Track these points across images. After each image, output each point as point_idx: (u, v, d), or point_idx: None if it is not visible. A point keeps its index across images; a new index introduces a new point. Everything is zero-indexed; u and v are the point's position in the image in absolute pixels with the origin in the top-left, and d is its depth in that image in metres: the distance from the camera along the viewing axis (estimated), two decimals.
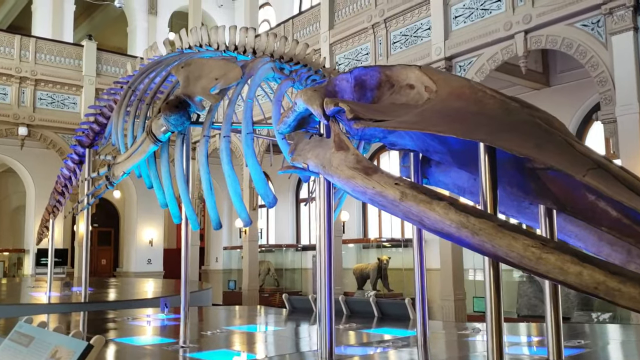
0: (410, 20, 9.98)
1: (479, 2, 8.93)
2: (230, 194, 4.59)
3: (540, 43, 8.10)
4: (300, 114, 3.79)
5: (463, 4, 9.16)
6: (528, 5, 8.24)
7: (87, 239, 9.12)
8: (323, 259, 3.99)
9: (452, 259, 8.94)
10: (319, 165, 3.49)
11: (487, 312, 2.67)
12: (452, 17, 9.29)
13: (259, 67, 5.04)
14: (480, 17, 8.91)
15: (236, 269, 18.70)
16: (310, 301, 7.75)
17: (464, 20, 9.14)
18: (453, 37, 9.19)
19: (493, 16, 8.72)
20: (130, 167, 5.28)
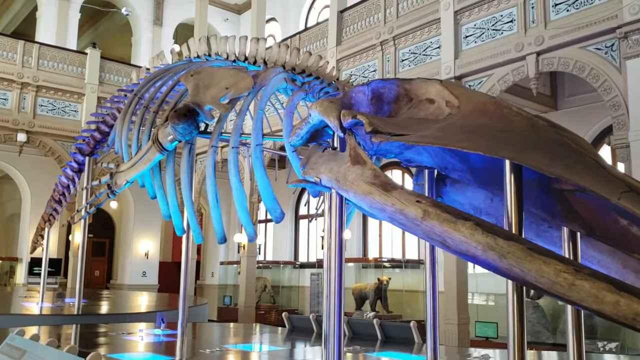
0: (420, 38, 9.88)
1: (491, 22, 8.84)
2: (237, 207, 4.41)
3: (552, 65, 7.99)
4: (314, 125, 3.66)
5: (474, 24, 9.07)
6: (540, 27, 8.14)
7: (82, 249, 8.92)
8: (333, 278, 3.78)
9: (457, 282, 8.74)
10: (333, 179, 3.34)
11: (510, 341, 2.50)
12: (462, 36, 9.19)
13: (271, 77, 4.90)
14: (492, 37, 8.81)
15: (232, 284, 18.43)
16: (311, 321, 7.54)
17: (474, 40, 9.04)
18: (463, 56, 9.09)
19: (504, 37, 8.62)
20: (134, 176, 5.11)
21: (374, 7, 10.90)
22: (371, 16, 10.93)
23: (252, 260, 13.48)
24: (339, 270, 3.70)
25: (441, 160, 3.38)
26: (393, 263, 13.28)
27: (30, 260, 15.60)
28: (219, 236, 4.70)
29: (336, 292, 3.65)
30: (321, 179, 3.50)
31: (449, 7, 9.32)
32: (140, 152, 5.14)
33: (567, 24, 7.85)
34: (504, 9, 8.68)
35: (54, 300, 9.43)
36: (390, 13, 10.51)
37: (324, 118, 3.49)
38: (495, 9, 8.81)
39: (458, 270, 8.70)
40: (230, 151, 4.55)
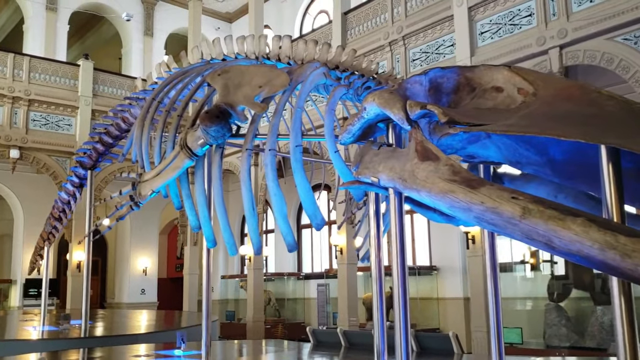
0: (432, 36, 9.58)
1: (508, 17, 8.55)
2: (275, 214, 4.02)
3: (577, 58, 7.71)
4: (369, 121, 3.29)
5: (490, 20, 8.78)
6: (562, 19, 7.86)
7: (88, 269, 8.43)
8: (398, 287, 3.38)
9: (484, 288, 8.37)
10: (396, 178, 2.97)
11: (620, 349, 2.14)
12: (477, 32, 8.90)
13: (309, 73, 4.51)
14: (509, 32, 8.52)
15: (233, 299, 17.94)
16: (338, 334, 7.13)
17: (490, 36, 8.75)
18: (479, 53, 8.79)
19: (523, 31, 8.33)
20: (160, 185, 4.69)
21: (380, 8, 10.59)
22: (377, 17, 10.62)
23: (258, 272, 13.04)
24: (402, 278, 3.32)
25: (512, 154, 3.07)
26: None
27: (25, 281, 15.00)
28: (256, 247, 4.29)
29: (401, 302, 3.28)
30: (379, 179, 3.15)
31: (462, 4, 9.03)
32: (167, 159, 4.71)
33: (592, 15, 7.58)
34: (521, 3, 8.41)
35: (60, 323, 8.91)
36: (398, 12, 10.20)
37: (386, 110, 3.13)
38: (512, 4, 8.53)
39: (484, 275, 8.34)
40: (268, 154, 4.15)
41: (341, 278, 10.64)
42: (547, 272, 9.86)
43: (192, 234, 15.15)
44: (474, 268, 8.51)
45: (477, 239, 8.52)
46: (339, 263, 10.78)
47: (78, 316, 9.56)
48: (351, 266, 10.64)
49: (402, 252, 3.25)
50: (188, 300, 14.80)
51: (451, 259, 11.76)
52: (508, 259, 10.23)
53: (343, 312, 10.49)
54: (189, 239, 15.15)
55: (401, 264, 3.25)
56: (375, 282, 4.20)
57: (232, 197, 16.45)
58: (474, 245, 8.56)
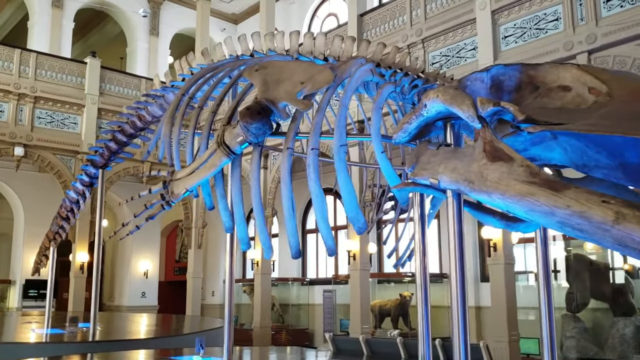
0: (452, 40, 9.41)
1: (533, 21, 8.40)
2: (317, 216, 3.81)
3: (607, 64, 7.55)
4: (428, 119, 3.11)
5: (514, 24, 8.63)
6: (591, 24, 7.72)
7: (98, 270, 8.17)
8: (457, 297, 3.17)
9: (506, 297, 8.19)
10: (460, 180, 2.80)
11: None
12: (501, 36, 8.74)
13: (355, 69, 4.30)
14: (535, 37, 8.36)
15: (235, 303, 17.64)
16: (360, 342, 6.92)
17: (515, 40, 8.59)
18: (503, 57, 8.63)
19: (549, 36, 8.18)
20: (195, 184, 4.46)
21: (398, 10, 10.42)
22: (395, 19, 10.45)
23: (266, 277, 12.80)
24: (461, 284, 3.12)
25: (580, 157, 2.89)
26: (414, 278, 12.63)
27: (25, 282, 14.70)
28: (294, 250, 4.07)
29: (460, 311, 3.07)
30: (440, 181, 2.96)
31: (485, 7, 8.87)
32: (202, 156, 4.48)
33: (622, 20, 7.43)
34: (548, 7, 8.25)
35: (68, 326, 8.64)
36: (417, 15, 10.04)
37: (453, 107, 2.94)
38: (537, 7, 8.38)
39: (507, 284, 8.16)
40: (310, 153, 3.93)
41: (354, 284, 10.42)
42: (564, 282, 9.69)
43: (196, 236, 14.90)
44: (496, 277, 8.31)
45: (499, 246, 8.33)
46: (351, 269, 10.56)
47: (81, 319, 9.30)
48: (364, 272, 10.43)
49: (460, 258, 3.05)
50: (192, 304, 14.52)
51: (475, 266, 11.53)
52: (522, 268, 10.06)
53: (355, 319, 10.27)
54: (193, 241, 14.89)
55: (460, 271, 3.04)
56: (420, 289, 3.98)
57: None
58: (495, 253, 8.37)
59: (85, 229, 13.29)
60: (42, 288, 14.84)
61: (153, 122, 7.02)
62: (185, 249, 20.36)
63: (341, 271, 14.93)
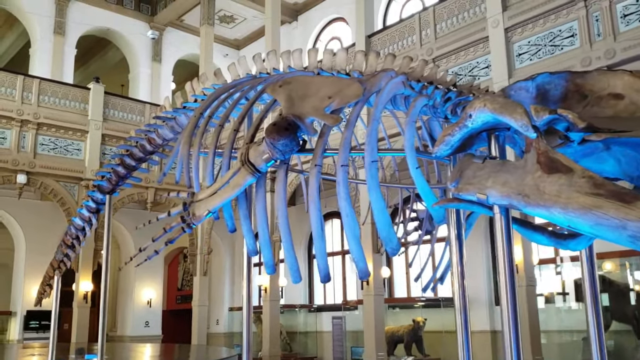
0: (464, 58, 9.29)
1: (548, 38, 8.28)
2: (348, 237, 3.57)
3: None
4: (473, 130, 2.91)
5: (528, 41, 8.50)
6: (609, 40, 7.59)
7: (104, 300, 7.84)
8: (509, 321, 2.92)
9: (529, 320, 7.91)
10: (513, 195, 2.61)
11: None
12: (515, 54, 8.61)
13: (386, 82, 4.12)
14: (550, 53, 8.23)
15: (239, 332, 17.26)
16: None
17: (529, 57, 8.46)
18: (518, 75, 8.48)
19: (565, 52, 8.06)
20: (218, 205, 4.23)
21: (407, 30, 10.32)
22: (404, 39, 10.34)
23: (275, 304, 12.48)
24: (512, 309, 2.88)
25: (635, 168, 2.68)
26: (426, 303, 12.36)
27: (26, 313, 14.33)
28: (323, 273, 3.82)
29: (512, 336, 2.83)
30: (489, 196, 2.73)
31: (497, 25, 8.76)
32: (225, 176, 4.26)
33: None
34: (563, 24, 8.14)
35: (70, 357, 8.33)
36: (427, 34, 9.93)
37: (503, 116, 2.74)
38: (552, 24, 8.26)
39: (529, 307, 7.89)
40: (340, 170, 3.70)
41: (367, 310, 10.12)
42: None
43: (201, 263, 14.60)
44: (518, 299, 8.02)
45: (520, 267, 8.09)
46: (364, 294, 10.27)
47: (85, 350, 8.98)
48: (378, 297, 10.14)
49: (511, 279, 2.82)
50: (197, 333, 14.15)
51: (476, 291, 11.26)
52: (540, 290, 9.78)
53: (370, 346, 9.95)
54: (199, 268, 14.58)
55: (511, 293, 2.81)
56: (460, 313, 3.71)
57: None
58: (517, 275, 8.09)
59: (89, 258, 13.00)
60: (44, 319, 14.48)
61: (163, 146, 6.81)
62: (187, 277, 20.00)
63: (349, 297, 14.62)
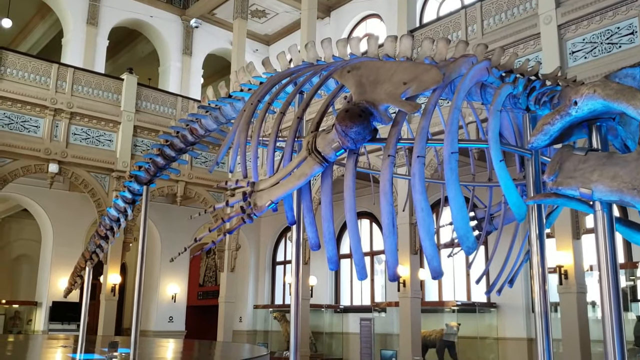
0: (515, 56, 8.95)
1: (604, 35, 7.95)
2: (421, 233, 3.29)
3: None
4: (576, 119, 2.67)
5: (582, 39, 8.18)
6: None
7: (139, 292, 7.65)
8: (612, 326, 2.68)
9: (579, 329, 7.58)
10: (626, 189, 2.37)
11: None
12: (568, 52, 8.28)
13: (467, 67, 3.86)
14: (607, 51, 7.91)
15: (262, 330, 17.08)
16: None
17: (584, 55, 8.14)
18: (572, 73, 8.15)
19: (623, 50, 7.72)
20: (281, 195, 3.98)
21: (452, 25, 10.03)
22: (448, 34, 10.05)
23: (305, 303, 12.25)
24: (617, 313, 2.63)
25: None
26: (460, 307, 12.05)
27: (52, 304, 14.24)
28: (392, 271, 3.56)
29: (617, 344, 2.58)
30: (594, 190, 2.45)
31: (550, 21, 8.44)
32: (288, 165, 4.01)
33: None
34: (622, 20, 7.81)
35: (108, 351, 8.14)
36: (474, 30, 9.63)
37: (619, 103, 2.50)
38: (609, 21, 7.93)
39: (579, 315, 7.56)
40: (416, 161, 3.43)
41: (404, 312, 9.85)
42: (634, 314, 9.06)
43: (229, 259, 14.42)
44: (567, 306, 7.72)
45: (570, 273, 7.76)
46: (400, 296, 9.99)
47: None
48: (415, 300, 9.86)
49: (615, 282, 2.57)
50: (223, 330, 13.96)
51: (512, 296, 10.94)
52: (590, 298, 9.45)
53: (405, 350, 9.67)
54: (226, 264, 14.40)
55: (615, 295, 2.57)
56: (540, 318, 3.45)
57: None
58: (567, 281, 7.79)
59: (118, 251, 12.87)
60: (69, 311, 14.39)
61: (205, 137, 6.60)
62: (210, 273, 19.84)
63: (377, 299, 14.35)
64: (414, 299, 9.80)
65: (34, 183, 13.73)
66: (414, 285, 9.88)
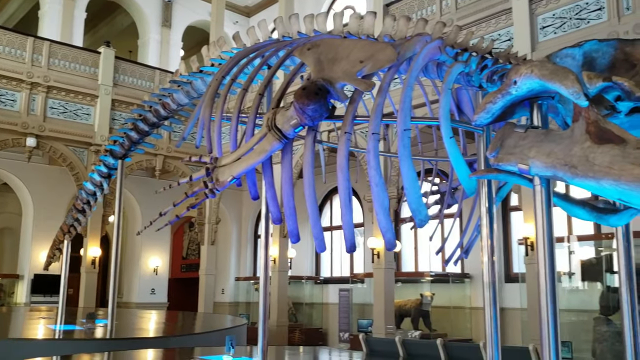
0: (486, 30, 9.07)
1: (574, 11, 8.06)
2: (376, 207, 3.45)
3: None
4: (517, 98, 2.82)
5: (553, 14, 8.29)
6: (638, 13, 7.38)
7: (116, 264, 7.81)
8: (547, 297, 2.85)
9: None
10: (559, 165, 2.51)
11: None
12: (538, 27, 8.40)
13: (421, 46, 3.96)
14: (576, 27, 8.03)
15: (244, 301, 17.35)
16: (396, 343, 6.57)
17: (554, 30, 8.25)
18: (541, 48, 8.29)
19: (591, 26, 7.85)
20: (243, 171, 4.10)
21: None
22: (423, 8, 10.12)
23: (283, 275, 12.47)
24: (551, 284, 2.80)
25: None
26: (434, 278, 12.31)
27: (33, 277, 14.35)
28: (349, 243, 3.72)
29: (550, 313, 2.76)
30: (532, 166, 2.63)
31: None
32: (250, 141, 4.12)
33: None
34: None
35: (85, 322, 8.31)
36: (448, 5, 9.70)
37: (553, 83, 2.63)
38: None
39: None
40: (371, 138, 3.58)
41: (378, 283, 10.09)
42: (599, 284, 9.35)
43: (209, 232, 14.58)
44: (534, 277, 7.95)
45: None
46: (375, 267, 10.22)
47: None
48: (389, 271, 10.09)
49: (551, 254, 2.74)
50: (204, 301, 14.19)
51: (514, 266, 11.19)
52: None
53: (379, 320, 9.93)
54: (206, 237, 14.56)
55: (550, 267, 2.73)
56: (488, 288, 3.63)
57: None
58: (532, 252, 8.02)
59: (98, 223, 12.98)
60: (51, 283, 14.50)
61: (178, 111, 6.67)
62: (192, 246, 20.01)
63: (356, 270, 14.61)
64: (387, 269, 10.03)
65: (14, 157, 13.70)
66: (388, 256, 10.10)
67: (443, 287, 12.00)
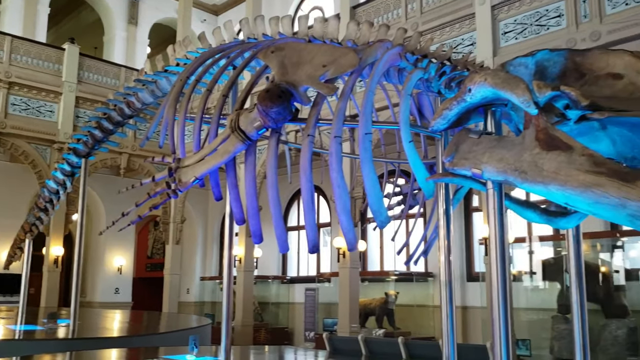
0: (449, 34, 9.24)
1: (534, 17, 8.28)
2: (338, 209, 3.54)
3: None
4: (471, 105, 2.91)
5: (514, 20, 8.49)
6: (595, 21, 7.62)
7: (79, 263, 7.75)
8: (498, 297, 2.97)
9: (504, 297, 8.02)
10: (509, 170, 2.63)
11: None
12: (500, 32, 8.60)
13: (382, 52, 4.06)
14: (536, 33, 8.25)
15: (209, 301, 17.28)
16: (359, 342, 6.67)
17: (515, 36, 8.46)
18: (503, 53, 8.49)
19: (551, 32, 8.07)
20: (205, 172, 4.13)
21: (392, 3, 10.22)
22: (390, 12, 10.24)
23: (249, 275, 12.48)
24: (502, 285, 2.93)
25: (630, 149, 2.74)
26: (398, 277, 12.49)
27: None
28: (312, 244, 3.80)
29: (501, 312, 2.88)
30: (483, 171, 2.75)
31: (484, 2, 8.73)
32: (213, 142, 4.16)
33: (627, 18, 7.36)
34: (550, 3, 8.14)
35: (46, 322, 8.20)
36: (413, 8, 9.85)
37: (504, 91, 2.75)
38: (539, 4, 8.26)
39: None
40: (333, 141, 3.66)
41: (343, 282, 10.19)
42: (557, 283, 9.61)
43: (174, 231, 14.49)
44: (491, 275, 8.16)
45: None
46: (340, 267, 10.32)
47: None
48: (353, 270, 10.20)
49: (502, 255, 2.86)
50: (168, 301, 14.10)
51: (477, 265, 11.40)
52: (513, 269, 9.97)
53: (344, 319, 10.04)
54: (171, 237, 14.47)
55: (501, 270, 2.85)
56: (445, 287, 3.76)
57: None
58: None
59: (61, 222, 12.79)
60: (12, 282, 14.22)
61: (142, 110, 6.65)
62: (157, 245, 19.82)
63: (322, 269, 14.69)
64: (352, 269, 10.14)
65: None
66: (353, 256, 10.21)
67: (407, 286, 12.17)
